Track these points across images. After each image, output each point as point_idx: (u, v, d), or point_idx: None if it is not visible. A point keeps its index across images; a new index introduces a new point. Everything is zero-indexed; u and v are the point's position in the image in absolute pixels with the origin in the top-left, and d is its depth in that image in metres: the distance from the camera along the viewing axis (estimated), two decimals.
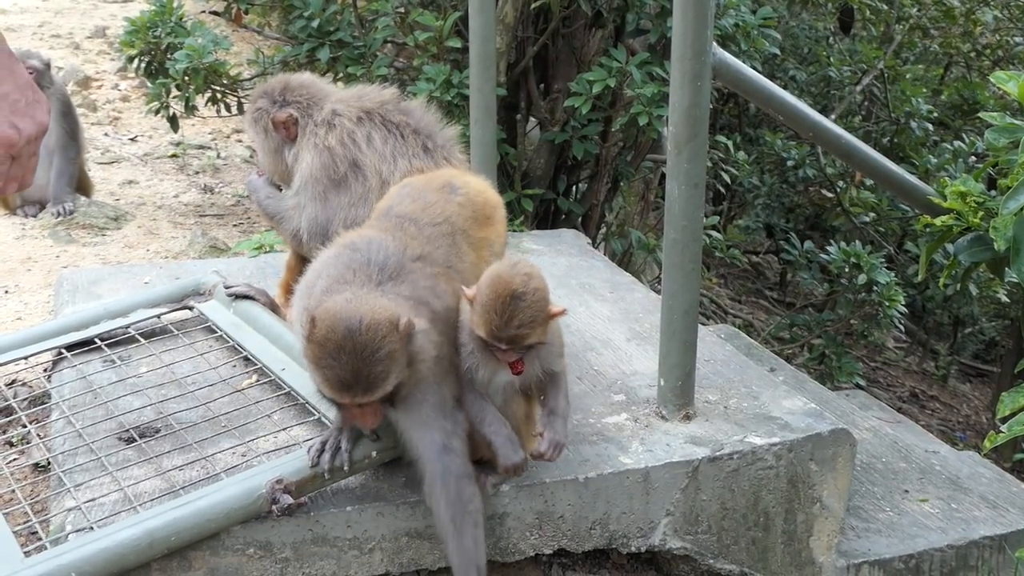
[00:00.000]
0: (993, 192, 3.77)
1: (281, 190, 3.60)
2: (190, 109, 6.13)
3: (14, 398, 3.47)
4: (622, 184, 6.46)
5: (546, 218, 5.99)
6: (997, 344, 9.31)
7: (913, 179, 4.41)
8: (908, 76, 8.91)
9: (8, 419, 3.40)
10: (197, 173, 7.06)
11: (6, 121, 1.67)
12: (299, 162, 3.46)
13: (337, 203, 3.35)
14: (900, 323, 6.81)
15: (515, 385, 2.78)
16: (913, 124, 8.32)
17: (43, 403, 3.45)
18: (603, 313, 4.02)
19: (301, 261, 3.39)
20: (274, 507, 2.63)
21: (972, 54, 9.88)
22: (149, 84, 6.29)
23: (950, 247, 3.84)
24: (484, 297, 2.63)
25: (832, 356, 6.81)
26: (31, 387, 3.62)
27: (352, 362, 2.45)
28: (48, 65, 5.94)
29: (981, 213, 3.67)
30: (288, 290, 3.50)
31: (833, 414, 3.45)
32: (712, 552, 3.16)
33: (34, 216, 5.87)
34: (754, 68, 4.38)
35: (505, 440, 2.73)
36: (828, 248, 6.63)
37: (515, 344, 2.64)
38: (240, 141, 7.81)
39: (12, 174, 1.70)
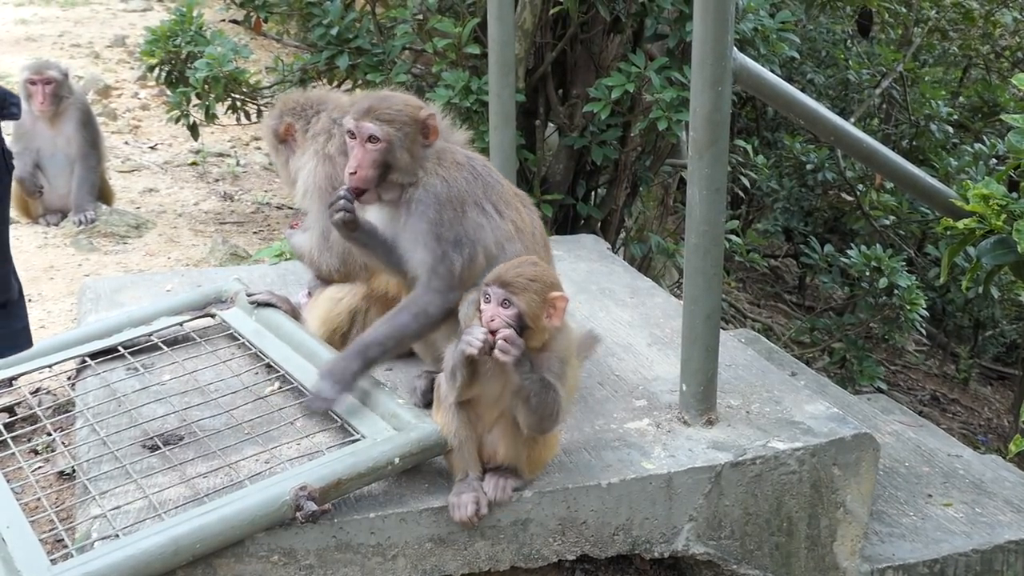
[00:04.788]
0: (1015, 194, 3.75)
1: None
2: (210, 117, 6.16)
3: (39, 406, 3.50)
4: (641, 189, 6.45)
5: (565, 223, 5.99)
6: (1018, 347, 9.24)
7: (934, 182, 4.38)
8: (927, 78, 8.85)
9: (33, 427, 3.42)
10: (217, 181, 7.09)
11: None
12: (301, 169, 3.49)
13: None
14: (921, 326, 6.77)
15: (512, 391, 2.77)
16: (933, 126, 8.27)
17: (67, 411, 3.48)
18: (624, 318, 4.02)
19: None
20: (298, 514, 2.64)
21: (991, 56, 9.81)
22: (169, 93, 6.33)
23: (971, 250, 3.82)
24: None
25: (853, 360, 6.78)
26: (55, 395, 3.65)
27: None
28: (67, 75, 5.98)
29: (1004, 216, 3.64)
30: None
31: (855, 418, 3.44)
32: (735, 557, 3.15)
33: (56, 225, 5.91)
34: (772, 72, 4.36)
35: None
36: (848, 251, 6.59)
37: (507, 289, 2.68)
38: (259, 148, 7.84)
39: None
